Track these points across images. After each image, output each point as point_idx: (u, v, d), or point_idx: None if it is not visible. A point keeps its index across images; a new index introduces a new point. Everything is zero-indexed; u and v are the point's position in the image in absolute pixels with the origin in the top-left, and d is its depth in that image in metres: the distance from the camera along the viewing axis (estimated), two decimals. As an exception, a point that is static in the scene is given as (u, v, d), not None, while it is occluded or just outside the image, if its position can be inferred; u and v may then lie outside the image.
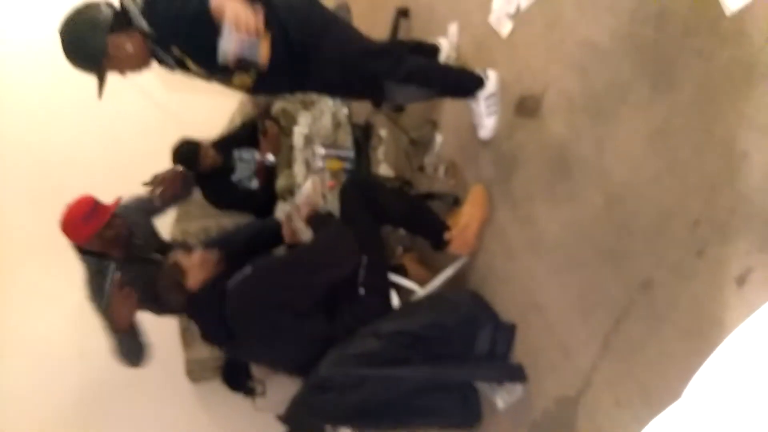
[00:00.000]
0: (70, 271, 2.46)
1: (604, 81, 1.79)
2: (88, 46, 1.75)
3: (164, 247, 2.60)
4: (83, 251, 2.37)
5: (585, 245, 1.82)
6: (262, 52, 1.65)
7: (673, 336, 1.53)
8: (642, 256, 1.63)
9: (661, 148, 1.59)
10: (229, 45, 1.56)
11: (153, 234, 2.69)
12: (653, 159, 1.61)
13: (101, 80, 1.81)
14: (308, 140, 2.76)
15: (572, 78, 1.91)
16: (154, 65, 1.92)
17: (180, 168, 2.83)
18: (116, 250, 2.38)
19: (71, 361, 3.58)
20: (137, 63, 1.84)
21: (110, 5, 1.79)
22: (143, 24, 1.74)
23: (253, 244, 2.53)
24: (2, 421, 3.30)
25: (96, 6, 1.78)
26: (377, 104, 2.75)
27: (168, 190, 2.66)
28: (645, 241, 1.62)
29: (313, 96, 2.98)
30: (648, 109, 1.64)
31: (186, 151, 3.01)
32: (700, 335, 1.47)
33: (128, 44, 1.76)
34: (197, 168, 2.97)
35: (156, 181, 2.65)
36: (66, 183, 2.74)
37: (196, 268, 2.01)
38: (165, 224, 3.35)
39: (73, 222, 2.29)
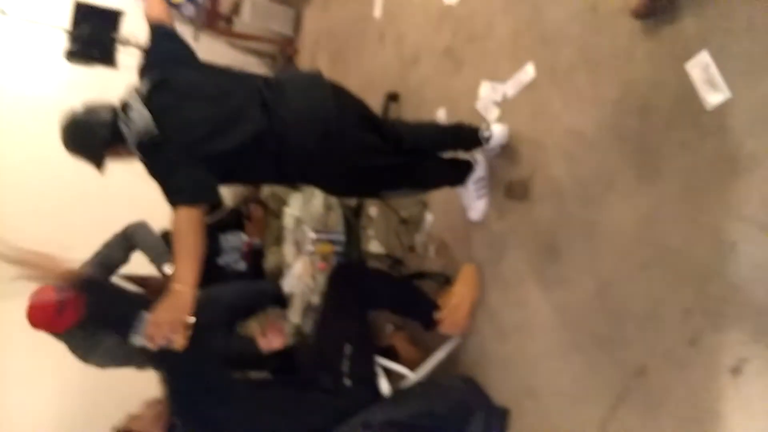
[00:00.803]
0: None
1: (591, 168, 1.84)
2: (87, 153, 1.75)
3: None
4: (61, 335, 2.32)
5: (578, 329, 1.82)
6: (178, 343, 1.57)
7: (669, 424, 1.51)
8: (635, 342, 1.63)
9: (650, 236, 1.62)
10: (140, 340, 1.59)
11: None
12: (642, 247, 1.64)
13: (99, 167, 1.80)
14: (299, 222, 2.78)
15: (559, 165, 1.97)
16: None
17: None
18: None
19: None
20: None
21: (113, 110, 1.74)
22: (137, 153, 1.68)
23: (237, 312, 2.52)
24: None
25: (96, 115, 1.74)
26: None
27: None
28: (638, 328, 1.62)
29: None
30: (635, 197, 1.68)
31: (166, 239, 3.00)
32: (697, 424, 1.45)
33: (125, 153, 1.75)
34: None
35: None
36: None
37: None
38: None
39: (48, 323, 2.25)
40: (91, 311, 2.25)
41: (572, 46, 1.98)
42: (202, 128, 1.66)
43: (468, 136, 2.17)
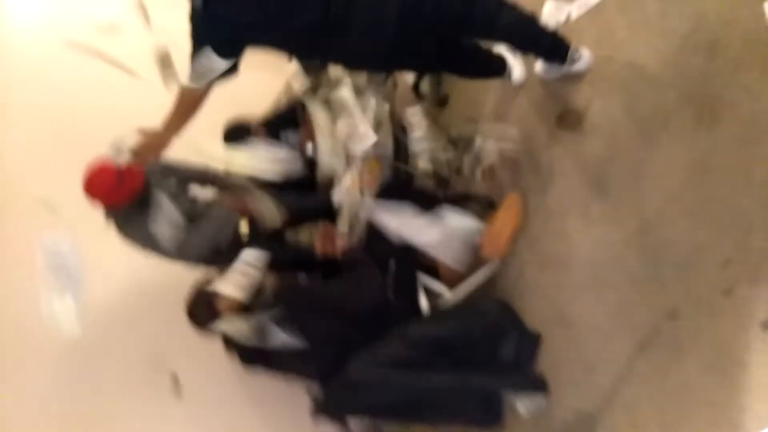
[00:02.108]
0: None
1: (648, 105, 1.78)
2: None
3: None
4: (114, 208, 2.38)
5: (615, 267, 1.84)
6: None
7: (694, 369, 1.56)
8: (670, 286, 1.64)
9: (699, 182, 1.59)
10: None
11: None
12: (690, 192, 1.61)
13: None
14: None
15: (616, 98, 1.90)
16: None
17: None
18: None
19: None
20: None
21: None
22: None
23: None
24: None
25: None
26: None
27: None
28: (674, 272, 1.63)
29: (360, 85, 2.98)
30: (690, 140, 1.63)
31: (235, 130, 3.08)
32: (722, 372, 1.49)
33: None
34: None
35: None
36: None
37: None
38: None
39: (107, 192, 2.28)
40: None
41: (645, -32, 1.84)
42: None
43: (557, 46, 1.99)
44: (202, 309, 2.12)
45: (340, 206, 2.76)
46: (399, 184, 2.61)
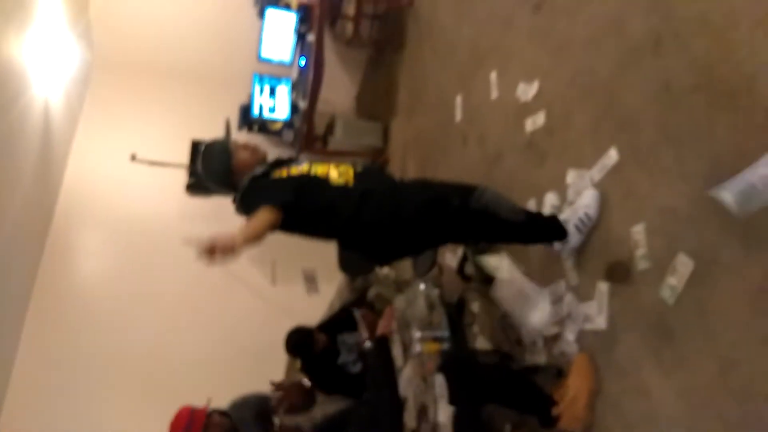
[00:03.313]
0: None
1: (692, 244, 1.81)
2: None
3: None
4: None
5: (707, 414, 1.71)
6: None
7: None
8: (772, 423, 1.51)
9: (767, 306, 1.55)
10: None
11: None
12: (760, 319, 1.56)
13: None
14: (404, 323, 2.86)
15: (657, 242, 1.95)
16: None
17: (304, 381, 2.99)
18: None
19: None
20: None
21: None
22: None
23: None
24: None
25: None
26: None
27: (285, 400, 2.83)
28: (772, 408, 1.52)
29: (407, 278, 3.14)
30: (743, 267, 1.63)
31: (299, 338, 3.18)
32: None
33: None
34: (312, 353, 3.11)
35: (278, 387, 2.85)
36: (183, 384, 2.98)
37: None
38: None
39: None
40: None
41: (652, 126, 2.01)
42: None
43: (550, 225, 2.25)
44: None
45: (405, 399, 2.70)
46: (462, 357, 2.56)
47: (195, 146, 4.66)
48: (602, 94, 2.33)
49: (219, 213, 3.24)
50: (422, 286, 2.82)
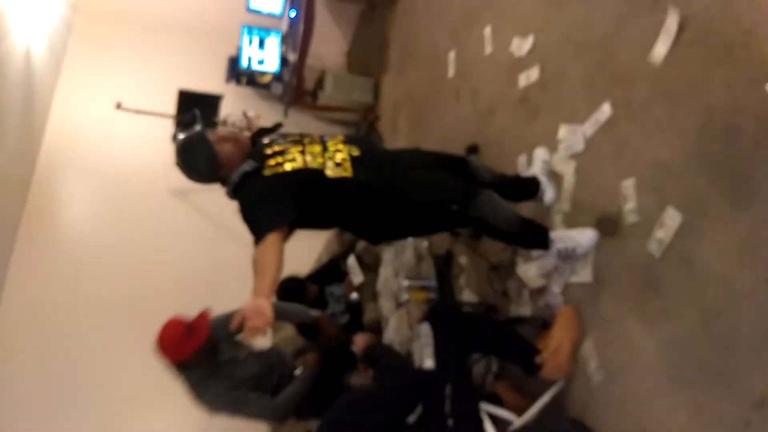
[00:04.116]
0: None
1: (681, 198, 1.83)
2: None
3: None
4: (183, 366, 2.58)
5: (687, 364, 1.76)
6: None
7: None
8: (751, 372, 1.56)
9: (752, 260, 1.59)
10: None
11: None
12: (746, 271, 1.60)
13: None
14: (393, 274, 2.89)
15: (647, 197, 1.97)
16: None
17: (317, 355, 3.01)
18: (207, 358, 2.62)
19: None
20: None
21: None
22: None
23: None
24: None
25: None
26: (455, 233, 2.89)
27: (308, 370, 2.86)
28: (752, 357, 1.57)
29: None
30: (731, 221, 1.66)
31: (292, 287, 3.24)
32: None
33: None
34: (303, 302, 3.16)
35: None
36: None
37: None
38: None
39: (176, 343, 2.52)
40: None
41: (646, 81, 2.01)
42: None
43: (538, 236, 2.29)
44: None
45: (391, 345, 2.75)
46: (448, 306, 2.61)
47: (182, 96, 4.58)
48: (597, 48, 2.32)
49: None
50: (410, 239, 2.83)
